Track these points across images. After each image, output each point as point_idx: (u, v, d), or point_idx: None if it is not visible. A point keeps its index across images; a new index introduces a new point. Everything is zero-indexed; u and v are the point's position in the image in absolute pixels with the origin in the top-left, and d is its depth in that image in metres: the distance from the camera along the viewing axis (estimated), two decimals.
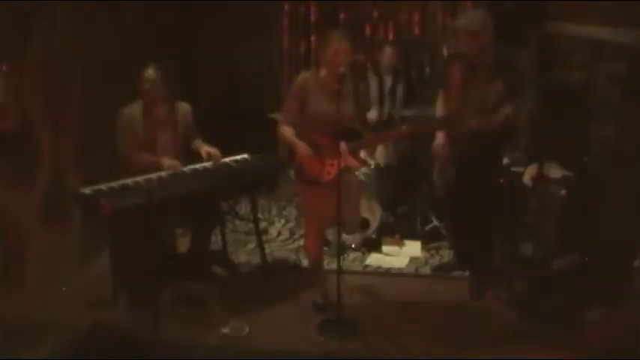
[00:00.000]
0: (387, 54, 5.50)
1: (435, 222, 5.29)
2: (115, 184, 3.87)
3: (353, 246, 5.06)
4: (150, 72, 4.16)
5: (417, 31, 6.21)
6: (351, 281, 4.36)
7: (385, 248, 5.12)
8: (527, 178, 4.62)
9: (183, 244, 4.56)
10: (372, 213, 5.10)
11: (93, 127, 4.64)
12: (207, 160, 4.31)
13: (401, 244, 5.20)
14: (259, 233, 4.66)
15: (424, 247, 5.15)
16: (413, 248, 5.17)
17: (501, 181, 4.61)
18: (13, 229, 3.97)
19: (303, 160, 3.87)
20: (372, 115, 5.27)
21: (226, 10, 6.23)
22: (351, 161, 3.80)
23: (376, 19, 6.29)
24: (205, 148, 4.36)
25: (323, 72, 3.83)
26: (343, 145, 3.75)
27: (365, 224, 4.96)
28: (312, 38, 6.45)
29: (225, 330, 3.88)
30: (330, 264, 4.41)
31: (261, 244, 4.66)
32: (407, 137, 3.96)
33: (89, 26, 4.65)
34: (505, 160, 4.74)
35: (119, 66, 4.78)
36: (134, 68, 4.22)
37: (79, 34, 4.54)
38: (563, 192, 4.38)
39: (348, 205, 3.87)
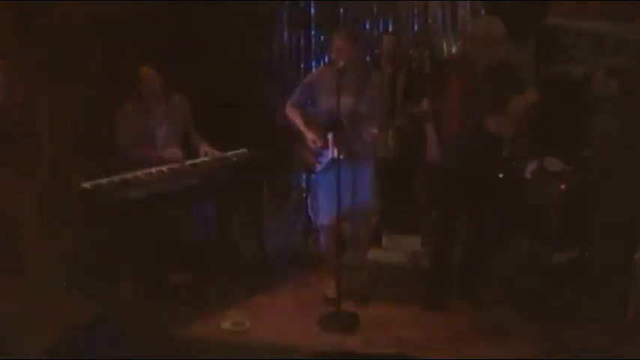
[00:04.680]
0: (386, 43, 5.47)
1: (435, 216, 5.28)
2: (115, 178, 3.87)
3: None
4: (145, 70, 4.18)
5: (416, 24, 6.19)
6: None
7: (385, 242, 5.12)
8: (527, 173, 4.62)
9: (184, 239, 4.57)
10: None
11: (93, 123, 4.65)
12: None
13: (401, 239, 5.20)
14: (259, 227, 4.66)
15: (424, 242, 5.15)
16: (412, 242, 5.17)
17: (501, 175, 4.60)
18: (13, 224, 3.97)
19: (306, 150, 4.00)
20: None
21: (226, 5, 6.21)
22: (337, 153, 3.82)
23: (376, 14, 6.27)
24: (205, 149, 4.38)
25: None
26: (330, 138, 3.80)
27: None
28: (312, 33, 6.43)
29: (226, 325, 3.88)
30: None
31: (261, 238, 4.66)
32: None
33: (89, 25, 4.64)
34: (505, 155, 4.73)
35: (119, 62, 4.78)
36: (134, 64, 4.23)
37: (80, 30, 4.53)
38: (563, 186, 4.38)
39: (358, 196, 3.93)
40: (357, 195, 3.95)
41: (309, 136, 3.98)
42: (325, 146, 3.89)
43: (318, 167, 3.99)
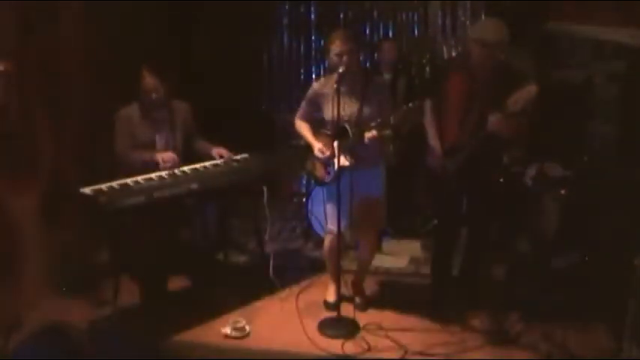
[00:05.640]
0: (386, 49, 5.47)
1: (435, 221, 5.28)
2: (115, 184, 3.87)
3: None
4: (149, 79, 4.16)
5: (416, 30, 6.20)
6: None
7: (385, 248, 5.12)
8: (527, 178, 4.62)
9: (184, 243, 4.57)
10: None
11: (93, 127, 4.65)
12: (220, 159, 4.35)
13: (401, 244, 5.20)
14: (259, 232, 4.65)
15: (424, 247, 5.16)
16: (413, 248, 5.17)
17: (501, 180, 4.61)
18: (13, 228, 3.97)
19: (317, 161, 3.98)
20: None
21: (226, 9, 6.23)
22: (343, 161, 3.81)
23: (376, 19, 6.28)
24: (216, 149, 4.38)
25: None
26: (336, 146, 3.78)
27: None
28: (313, 37, 6.45)
29: (226, 330, 3.88)
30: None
31: (261, 243, 4.66)
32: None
33: (89, 26, 4.65)
34: (505, 160, 4.73)
35: (119, 65, 4.78)
36: (134, 68, 4.23)
37: (79, 34, 4.54)
38: (563, 191, 4.38)
39: (365, 202, 3.93)
40: (368, 200, 3.95)
41: (316, 145, 3.96)
42: (332, 155, 3.85)
43: (328, 178, 3.95)
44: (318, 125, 4.05)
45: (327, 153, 3.88)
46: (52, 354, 3.21)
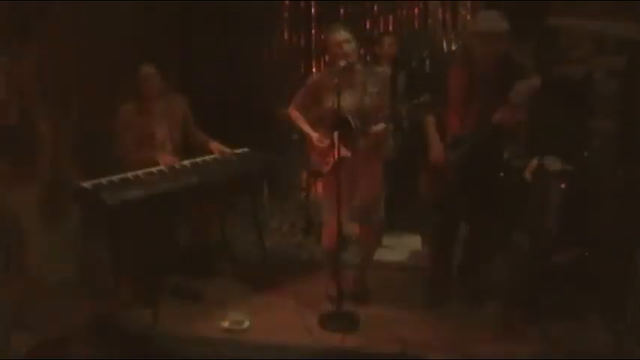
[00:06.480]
0: (386, 43, 5.46)
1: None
2: (115, 178, 3.88)
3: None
4: (145, 69, 4.17)
5: (417, 24, 6.19)
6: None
7: (385, 241, 5.12)
8: (527, 173, 4.61)
9: (184, 238, 4.58)
10: None
11: (93, 123, 4.65)
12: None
13: (401, 238, 5.20)
14: (259, 226, 4.66)
15: (424, 241, 5.15)
16: (413, 242, 5.17)
17: (501, 174, 4.59)
18: (13, 224, 3.97)
19: (312, 151, 3.96)
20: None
21: (227, 5, 6.21)
22: (344, 152, 3.81)
23: (376, 13, 6.27)
24: (218, 147, 4.38)
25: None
26: (336, 136, 3.78)
27: None
28: (313, 32, 6.44)
29: (225, 324, 3.88)
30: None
31: (261, 238, 4.66)
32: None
33: (89, 24, 4.64)
34: (505, 154, 4.72)
35: (119, 62, 4.78)
36: (134, 64, 4.23)
37: (79, 30, 4.53)
38: (563, 186, 4.38)
39: (364, 194, 3.94)
40: (367, 193, 3.95)
41: (314, 136, 3.96)
42: (331, 146, 3.85)
43: (326, 169, 3.96)
44: (313, 115, 4.05)
45: (326, 143, 3.89)
46: (52, 352, 3.21)
